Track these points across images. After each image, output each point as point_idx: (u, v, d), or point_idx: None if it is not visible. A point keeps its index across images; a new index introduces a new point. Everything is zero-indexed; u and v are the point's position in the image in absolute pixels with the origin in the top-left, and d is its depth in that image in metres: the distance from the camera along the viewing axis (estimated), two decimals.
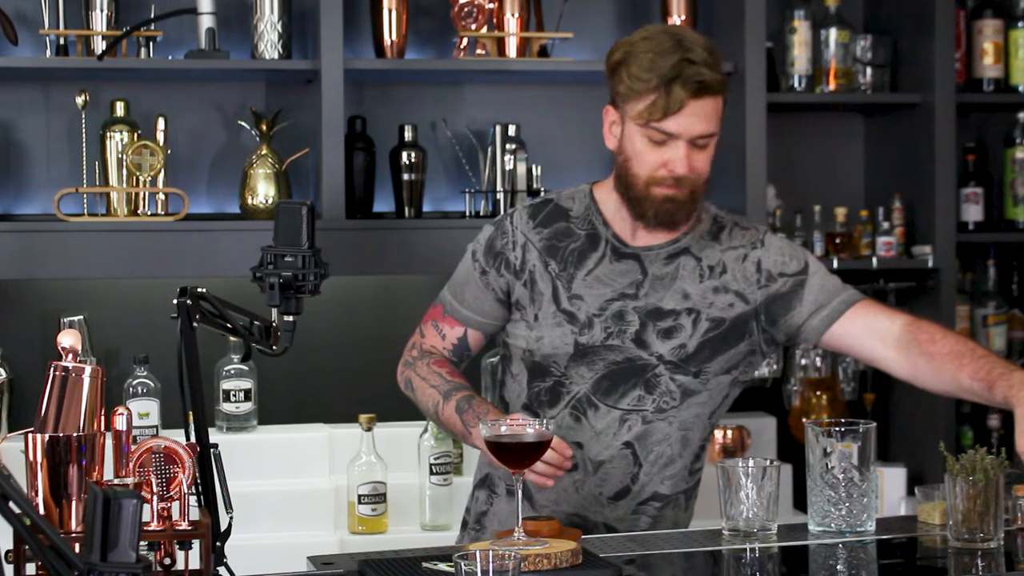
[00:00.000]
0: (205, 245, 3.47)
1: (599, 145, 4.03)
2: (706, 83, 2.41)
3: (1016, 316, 4.17)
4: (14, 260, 3.39)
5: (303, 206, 2.07)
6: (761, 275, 2.55)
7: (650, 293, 2.52)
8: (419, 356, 2.60)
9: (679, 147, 2.43)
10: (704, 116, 2.43)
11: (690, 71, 2.40)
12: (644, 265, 2.53)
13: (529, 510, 2.53)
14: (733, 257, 2.56)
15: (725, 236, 2.58)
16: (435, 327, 2.63)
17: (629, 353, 2.50)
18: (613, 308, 2.51)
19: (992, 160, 4.18)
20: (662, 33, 2.46)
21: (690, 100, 2.40)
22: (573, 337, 2.50)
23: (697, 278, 2.54)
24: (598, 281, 2.52)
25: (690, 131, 2.42)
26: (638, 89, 2.43)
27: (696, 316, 2.52)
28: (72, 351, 1.85)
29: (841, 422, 2.33)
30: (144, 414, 3.43)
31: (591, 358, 2.51)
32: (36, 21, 3.59)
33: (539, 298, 2.53)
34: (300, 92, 3.72)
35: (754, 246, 2.57)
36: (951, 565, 2.21)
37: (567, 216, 2.58)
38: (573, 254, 2.54)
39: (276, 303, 2.06)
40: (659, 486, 2.55)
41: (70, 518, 1.82)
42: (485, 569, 1.80)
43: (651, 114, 2.41)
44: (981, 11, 4.07)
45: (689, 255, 2.55)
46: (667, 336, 2.51)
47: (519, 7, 3.75)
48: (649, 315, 2.51)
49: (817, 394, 3.95)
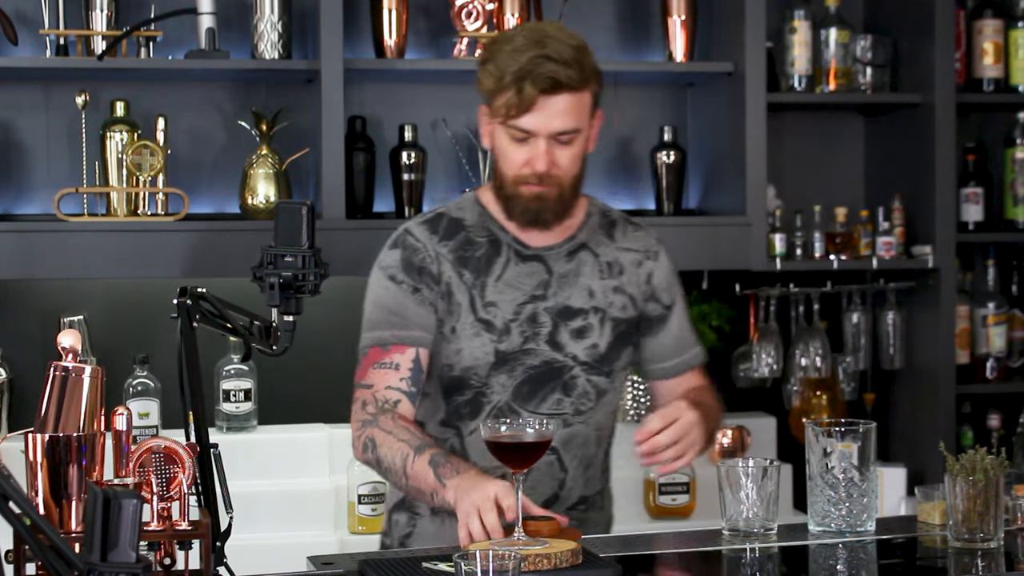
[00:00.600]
0: (205, 245, 3.47)
1: (599, 145, 4.04)
2: (558, 80, 2.39)
3: (1016, 316, 4.17)
4: (14, 260, 3.39)
5: (303, 206, 2.07)
6: (648, 288, 2.60)
7: (558, 292, 2.52)
8: (378, 411, 2.45)
9: (539, 144, 2.42)
10: (560, 113, 2.41)
11: (543, 68, 2.38)
12: (548, 264, 2.53)
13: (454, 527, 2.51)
14: (630, 260, 2.59)
15: (619, 234, 2.60)
16: (381, 367, 2.48)
17: (545, 356, 2.50)
18: (526, 311, 2.50)
19: (992, 160, 4.18)
20: (527, 29, 2.46)
21: (541, 97, 2.39)
22: (493, 345, 2.48)
23: (597, 274, 2.55)
24: (508, 286, 2.51)
25: (548, 128, 2.41)
26: (494, 87, 2.42)
27: (602, 316, 2.54)
28: (72, 351, 1.85)
29: (841, 422, 2.33)
30: (144, 414, 3.43)
31: (511, 365, 2.49)
32: (36, 21, 3.59)
33: (457, 309, 2.49)
34: (300, 92, 3.72)
35: (648, 256, 2.61)
36: (951, 565, 2.21)
37: (463, 227, 2.55)
38: (481, 262, 2.51)
39: (276, 303, 2.06)
40: (583, 489, 2.56)
41: (70, 518, 1.82)
42: (485, 569, 1.80)
43: (507, 111, 2.41)
44: (981, 11, 4.07)
45: (587, 250, 2.56)
46: (579, 336, 2.52)
47: (519, 7, 3.75)
48: (560, 315, 2.51)
49: (817, 394, 3.95)
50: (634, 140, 4.02)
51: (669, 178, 3.92)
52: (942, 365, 3.92)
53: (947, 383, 3.92)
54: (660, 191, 3.93)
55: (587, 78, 2.43)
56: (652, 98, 4.03)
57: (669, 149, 3.91)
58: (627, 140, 4.02)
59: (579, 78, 2.42)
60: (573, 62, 2.41)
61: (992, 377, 4.11)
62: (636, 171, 4.01)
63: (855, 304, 4.04)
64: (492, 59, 2.45)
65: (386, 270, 2.52)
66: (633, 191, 4.02)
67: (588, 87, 2.44)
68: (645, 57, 3.99)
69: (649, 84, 4.01)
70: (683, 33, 3.85)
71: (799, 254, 3.93)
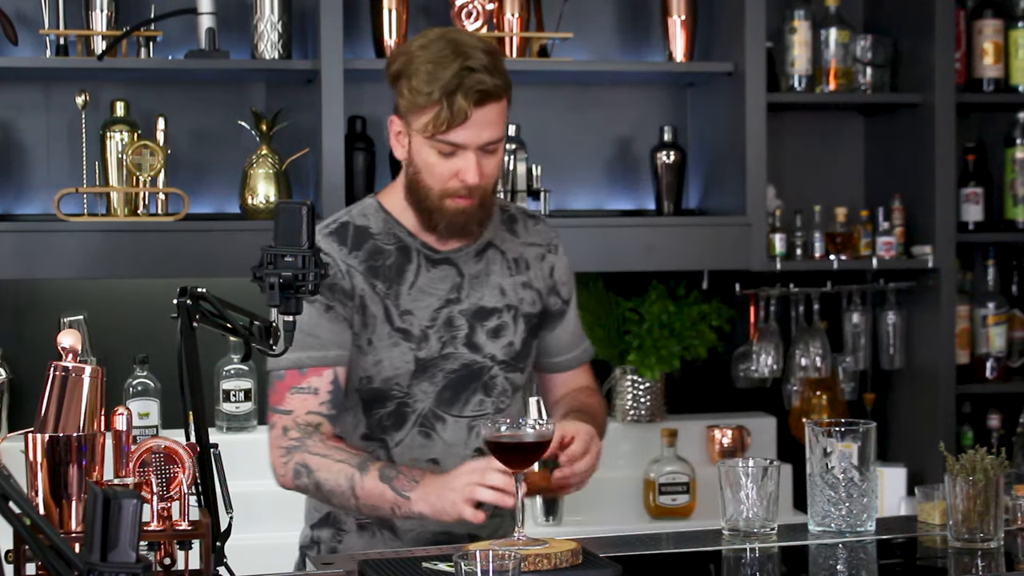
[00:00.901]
0: (205, 245, 3.47)
1: (599, 145, 4.06)
2: (488, 90, 2.37)
3: (1016, 316, 4.17)
4: (14, 260, 3.39)
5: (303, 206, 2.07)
6: (551, 282, 2.61)
7: (471, 294, 2.51)
8: (303, 435, 2.40)
9: (468, 157, 2.40)
10: (489, 123, 2.40)
11: (471, 80, 2.36)
12: (459, 267, 2.52)
13: (392, 539, 2.49)
14: (533, 254, 2.59)
15: (521, 229, 2.60)
16: (299, 392, 2.43)
17: (464, 359, 2.49)
18: (442, 316, 2.49)
19: (992, 160, 4.18)
20: (439, 39, 2.41)
21: (474, 109, 2.37)
22: (412, 354, 2.46)
23: (506, 271, 2.55)
24: (422, 292, 2.49)
25: (478, 140, 2.39)
26: (420, 103, 2.38)
27: (515, 313, 2.54)
28: (72, 351, 1.85)
29: (841, 422, 2.33)
30: (144, 414, 3.44)
31: (431, 371, 2.48)
32: (36, 21, 3.59)
33: (372, 321, 2.46)
34: (300, 92, 3.72)
35: (550, 249, 2.62)
36: (951, 565, 2.21)
37: (370, 235, 2.50)
38: (392, 270, 2.48)
39: (276, 303, 2.06)
40: None
41: (70, 518, 1.82)
42: (485, 569, 1.80)
43: (436, 127, 2.37)
44: (981, 11, 4.07)
45: (494, 248, 2.55)
46: (495, 336, 2.51)
47: (519, 7, 3.75)
48: (475, 316, 2.50)
49: (817, 394, 3.95)
50: (634, 140, 4.02)
51: (669, 178, 3.92)
52: (942, 365, 3.92)
53: (947, 383, 3.92)
54: (660, 191, 3.93)
55: (508, 83, 2.43)
56: (652, 98, 4.03)
57: (669, 149, 3.91)
58: (627, 140, 4.02)
59: (503, 85, 2.41)
60: (495, 69, 2.40)
61: (992, 377, 4.11)
62: (636, 171, 4.02)
63: (855, 304, 4.04)
64: (410, 74, 2.39)
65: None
66: (633, 191, 4.02)
67: (505, 96, 2.43)
68: (645, 57, 3.99)
69: (649, 84, 4.02)
70: (683, 33, 3.85)
71: (799, 254, 3.93)
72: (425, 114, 2.39)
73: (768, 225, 3.82)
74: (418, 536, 2.49)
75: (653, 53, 3.99)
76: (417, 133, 2.41)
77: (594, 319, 3.86)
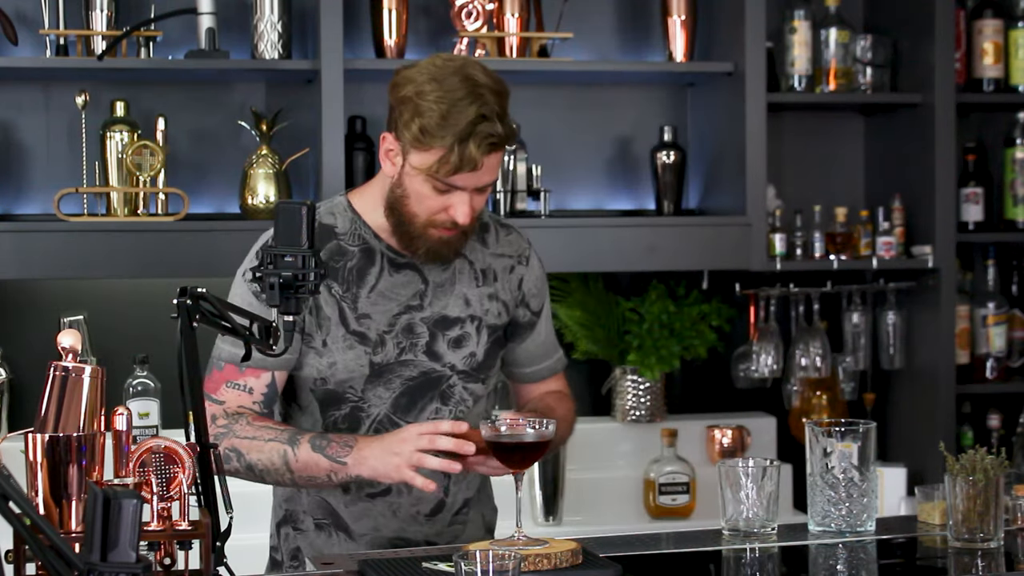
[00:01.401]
0: (205, 245, 3.47)
1: (599, 145, 4.06)
2: (498, 142, 2.32)
3: (1016, 316, 4.17)
4: (14, 260, 3.39)
5: (303, 206, 2.07)
6: (519, 294, 2.57)
7: (434, 302, 2.47)
8: (230, 421, 2.38)
9: (464, 197, 2.36)
10: (491, 168, 2.35)
11: (484, 128, 2.30)
12: (424, 274, 2.47)
13: (347, 540, 2.48)
14: (502, 266, 2.55)
15: (492, 239, 2.55)
16: (235, 387, 2.41)
17: (423, 367, 2.46)
18: (401, 322, 2.45)
19: (992, 160, 4.18)
20: (454, 76, 2.32)
21: (483, 158, 2.32)
22: (368, 357, 2.43)
23: (473, 282, 2.51)
24: (382, 296, 2.45)
25: (478, 183, 2.36)
26: (428, 143, 2.31)
27: (479, 324, 2.50)
28: (72, 351, 1.85)
29: (841, 422, 2.33)
30: (144, 414, 3.44)
31: (387, 377, 2.45)
32: (36, 21, 3.59)
33: (326, 323, 2.42)
34: (300, 92, 3.72)
35: (520, 260, 2.57)
36: (951, 565, 2.21)
37: (334, 234, 2.46)
38: (352, 273, 2.45)
39: (276, 303, 2.06)
40: (466, 492, 2.53)
41: (70, 518, 1.82)
42: (485, 569, 1.80)
43: (439, 169, 2.32)
44: (981, 11, 4.07)
45: (462, 258, 2.50)
46: (457, 345, 2.48)
47: (519, 7, 3.75)
48: (437, 324, 2.47)
49: (817, 394, 3.95)
50: (634, 140, 4.02)
51: (669, 178, 3.92)
52: (942, 365, 3.92)
53: (947, 383, 3.92)
54: (660, 191, 3.93)
55: (515, 133, 2.41)
56: (652, 98, 4.03)
57: (669, 149, 3.91)
58: (627, 140, 4.02)
59: (511, 132, 2.37)
60: (504, 114, 2.35)
61: (992, 377, 4.11)
62: (636, 171, 4.02)
63: (855, 304, 4.04)
64: (421, 110, 2.31)
65: (250, 284, 2.41)
66: (633, 191, 4.02)
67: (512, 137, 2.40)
68: (645, 57, 3.99)
69: (649, 84, 4.02)
70: (683, 33, 3.85)
71: (799, 254, 3.93)
72: (431, 154, 2.32)
73: (768, 225, 3.82)
74: (372, 540, 2.47)
75: (653, 53, 3.99)
76: (417, 167, 2.35)
77: (594, 319, 3.86)
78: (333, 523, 2.49)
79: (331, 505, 2.49)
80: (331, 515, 2.48)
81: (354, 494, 2.47)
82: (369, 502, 2.47)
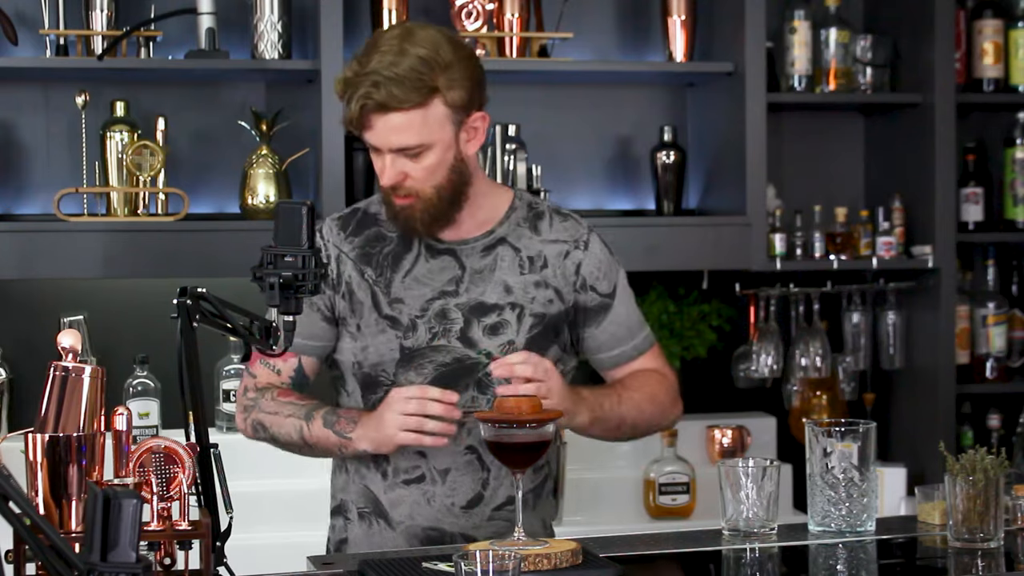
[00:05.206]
0: (205, 245, 3.47)
1: (599, 145, 4.06)
2: (377, 102, 2.31)
3: (1016, 316, 4.18)
4: (14, 260, 3.39)
5: (303, 206, 2.07)
6: (578, 279, 2.53)
7: (471, 288, 2.46)
8: (258, 396, 2.49)
9: (383, 158, 2.37)
10: (395, 130, 2.33)
11: (364, 89, 2.30)
12: (461, 260, 2.48)
13: (386, 528, 2.49)
14: (555, 252, 2.51)
15: (545, 226, 2.53)
16: (267, 365, 2.50)
17: (456, 353, 2.45)
18: (435, 307, 2.45)
19: (992, 160, 4.18)
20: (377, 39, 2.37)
21: (372, 115, 2.32)
22: (398, 342, 2.44)
23: (517, 270, 2.48)
24: (417, 282, 2.46)
25: (387, 144, 2.35)
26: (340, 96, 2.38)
27: (520, 311, 2.47)
28: (72, 351, 1.85)
29: (841, 422, 2.33)
30: (144, 414, 3.44)
31: (418, 361, 2.45)
32: (36, 21, 3.59)
33: (359, 308, 2.46)
34: (300, 92, 3.72)
35: (577, 245, 2.53)
36: (951, 565, 2.21)
37: (377, 221, 2.51)
38: (388, 258, 2.47)
39: (276, 303, 2.06)
40: (510, 489, 2.49)
41: (70, 518, 1.82)
42: (485, 569, 1.80)
43: (350, 124, 2.37)
44: (981, 11, 4.07)
45: (506, 245, 2.49)
46: (494, 332, 2.46)
47: (519, 7, 3.75)
48: (472, 311, 2.46)
49: (817, 394, 3.95)
50: (634, 140, 4.02)
51: (669, 178, 3.92)
52: (942, 365, 3.92)
53: (947, 383, 3.93)
54: (660, 191, 3.93)
55: (424, 94, 2.31)
56: (652, 98, 4.03)
57: (669, 149, 3.91)
58: (627, 140, 4.02)
59: (405, 97, 2.30)
60: (402, 79, 2.30)
61: (992, 377, 4.11)
62: (636, 171, 4.02)
63: (855, 304, 4.04)
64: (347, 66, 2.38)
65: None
66: (633, 191, 4.02)
67: (428, 103, 2.32)
68: (645, 57, 4.00)
69: (649, 84, 4.02)
70: (683, 33, 3.85)
71: (799, 254, 3.93)
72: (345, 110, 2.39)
73: (768, 225, 3.82)
74: (408, 529, 2.47)
75: (653, 53, 3.99)
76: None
77: None
78: (374, 511, 2.49)
79: (372, 492, 2.49)
80: (372, 502, 2.49)
81: (391, 480, 2.47)
82: (404, 489, 2.47)
